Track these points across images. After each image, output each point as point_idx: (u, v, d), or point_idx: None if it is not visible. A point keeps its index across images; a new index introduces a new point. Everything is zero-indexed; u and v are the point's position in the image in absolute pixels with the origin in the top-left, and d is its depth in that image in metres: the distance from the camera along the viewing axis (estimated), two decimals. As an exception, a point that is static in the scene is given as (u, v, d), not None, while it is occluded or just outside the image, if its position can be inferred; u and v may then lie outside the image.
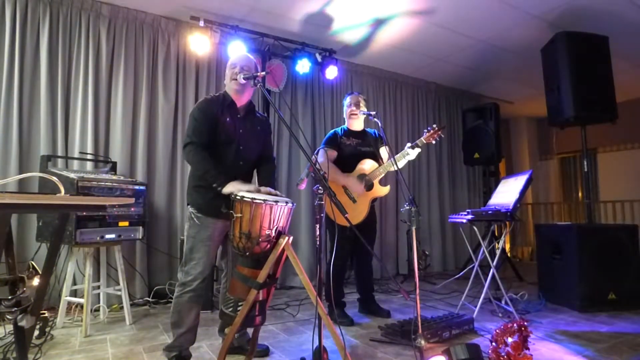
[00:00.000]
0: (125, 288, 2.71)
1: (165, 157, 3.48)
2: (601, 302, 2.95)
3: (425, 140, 2.64)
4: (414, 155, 2.67)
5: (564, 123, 3.50)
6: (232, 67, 1.99)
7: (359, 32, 3.89)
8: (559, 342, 2.27)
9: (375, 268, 4.51)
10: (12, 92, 2.95)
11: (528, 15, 3.57)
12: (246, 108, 2.06)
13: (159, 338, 2.37)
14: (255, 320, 1.68)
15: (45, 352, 2.11)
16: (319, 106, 4.43)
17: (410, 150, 2.64)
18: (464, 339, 2.30)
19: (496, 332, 1.83)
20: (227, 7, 3.42)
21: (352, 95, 2.93)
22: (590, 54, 3.36)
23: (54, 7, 3.13)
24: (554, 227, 3.54)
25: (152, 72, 3.52)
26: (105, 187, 2.53)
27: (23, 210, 2.31)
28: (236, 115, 2.01)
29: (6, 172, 2.87)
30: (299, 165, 4.18)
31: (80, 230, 2.40)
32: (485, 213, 2.90)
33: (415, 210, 1.93)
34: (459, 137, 5.54)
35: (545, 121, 3.96)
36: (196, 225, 1.92)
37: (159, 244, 3.40)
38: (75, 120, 3.16)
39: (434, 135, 2.63)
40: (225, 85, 2.07)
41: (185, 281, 1.90)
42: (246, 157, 2.02)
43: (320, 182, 1.66)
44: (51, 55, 3.11)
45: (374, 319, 2.77)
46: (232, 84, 1.98)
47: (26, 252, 2.86)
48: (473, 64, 4.74)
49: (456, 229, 5.26)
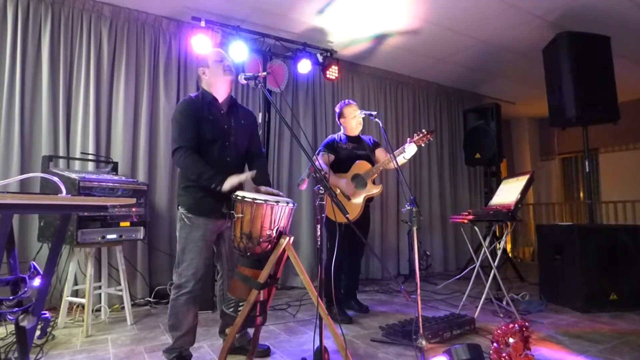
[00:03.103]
0: (126, 288, 2.72)
1: (167, 158, 3.49)
2: (603, 302, 2.94)
3: (416, 143, 2.78)
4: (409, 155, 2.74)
5: (565, 123, 3.49)
6: (220, 61, 1.96)
7: (360, 32, 3.89)
8: (561, 343, 2.26)
9: (376, 268, 4.54)
10: (13, 93, 2.95)
11: (529, 15, 3.56)
12: (228, 102, 2.03)
13: (160, 338, 2.38)
14: (256, 321, 1.68)
15: (46, 352, 2.11)
16: (320, 106, 4.44)
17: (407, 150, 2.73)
18: (465, 340, 2.30)
19: (497, 332, 1.82)
20: (229, 8, 3.42)
21: (354, 105, 2.99)
22: (592, 54, 3.35)
23: (55, 8, 3.14)
24: (555, 228, 3.54)
25: (153, 72, 3.52)
26: (106, 188, 2.53)
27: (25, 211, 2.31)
28: (219, 111, 1.98)
29: (8, 172, 2.87)
30: (300, 166, 4.19)
31: (82, 231, 2.40)
32: (486, 213, 2.90)
33: (417, 210, 1.92)
34: (460, 137, 5.53)
35: (547, 121, 3.96)
36: (187, 225, 1.90)
37: (160, 244, 3.40)
38: (76, 121, 3.17)
39: (423, 139, 2.77)
40: (203, 82, 2.00)
41: (179, 283, 1.88)
42: (233, 153, 1.99)
43: (321, 182, 1.66)
44: (53, 55, 3.12)
45: (374, 319, 2.78)
46: (225, 77, 1.95)
47: (27, 252, 2.86)
48: (474, 64, 4.74)
49: (457, 229, 5.25)
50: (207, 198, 1.86)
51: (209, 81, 1.99)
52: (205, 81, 2.00)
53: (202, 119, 1.90)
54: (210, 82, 1.99)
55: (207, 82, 2.00)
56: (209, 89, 1.99)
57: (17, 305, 1.30)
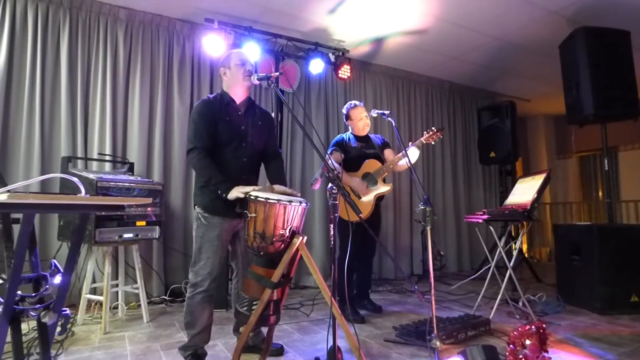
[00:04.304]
0: (142, 286, 2.77)
1: (181, 158, 3.53)
2: (623, 304, 2.86)
3: (425, 141, 2.82)
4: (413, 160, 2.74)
5: (583, 121, 3.41)
6: (242, 65, 1.98)
7: (372, 31, 3.88)
8: (579, 346, 2.21)
9: (389, 268, 4.51)
10: (34, 96, 3.04)
11: (544, 10, 3.49)
12: (246, 104, 2.05)
13: (176, 336, 2.41)
14: (269, 320, 1.69)
15: (66, 348, 2.17)
16: (332, 105, 4.43)
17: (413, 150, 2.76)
18: (480, 341, 2.27)
19: (514, 333, 1.79)
20: (241, 9, 3.45)
21: (360, 107, 2.99)
22: (611, 49, 3.27)
23: (73, 13, 3.22)
24: (573, 228, 3.46)
25: (167, 74, 3.58)
26: (123, 188, 2.58)
27: (46, 210, 2.38)
28: (237, 112, 2.00)
29: (29, 173, 2.96)
30: (313, 165, 4.19)
31: (100, 230, 2.46)
32: (502, 213, 2.86)
33: (430, 210, 1.91)
34: (474, 136, 5.46)
35: (564, 119, 3.87)
36: (203, 225, 1.92)
37: (175, 243, 3.46)
38: (94, 122, 3.24)
39: (433, 136, 2.80)
40: (223, 83, 2.03)
41: (195, 282, 1.91)
42: (250, 153, 2.01)
43: (334, 181, 1.66)
44: (71, 59, 3.19)
45: (387, 319, 2.76)
46: (244, 82, 1.98)
47: (48, 251, 2.94)
48: (488, 62, 4.67)
49: (472, 229, 5.18)
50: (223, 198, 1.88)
51: (228, 82, 2.02)
52: (225, 82, 2.03)
53: (219, 120, 1.93)
54: (229, 83, 2.01)
55: (226, 83, 2.03)
56: (227, 90, 2.02)
57: (39, 302, 1.34)
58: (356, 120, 2.95)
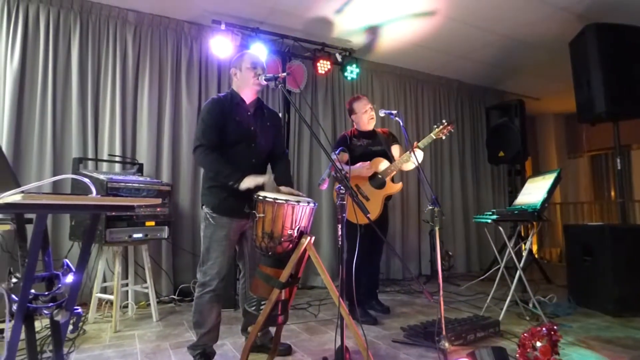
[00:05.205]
0: (152, 286, 2.80)
1: (189, 158, 3.56)
2: (636, 306, 2.81)
3: (435, 136, 2.73)
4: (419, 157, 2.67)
5: (594, 119, 3.36)
6: (253, 68, 2.00)
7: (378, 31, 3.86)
8: (591, 348, 2.18)
9: (397, 268, 4.49)
10: (46, 99, 3.09)
11: (554, 7, 3.45)
12: (255, 104, 2.07)
13: (185, 335, 2.43)
14: (277, 319, 1.70)
15: (78, 346, 2.21)
16: (340, 105, 4.43)
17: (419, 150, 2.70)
18: (489, 342, 2.25)
19: (524, 335, 1.77)
20: (248, 10, 3.47)
21: (364, 99, 2.92)
22: (623, 46, 3.21)
23: (83, 17, 3.27)
24: (584, 228, 3.41)
25: (176, 75, 3.61)
26: (132, 188, 2.61)
27: (58, 211, 2.42)
28: (246, 112, 2.02)
29: (42, 174, 3.01)
30: (320, 165, 4.19)
31: (110, 230, 2.49)
32: (511, 213, 2.83)
33: (438, 210, 1.90)
34: (482, 135, 5.41)
35: (574, 117, 3.82)
36: (211, 225, 1.93)
37: (184, 243, 3.49)
38: (104, 124, 3.29)
39: (444, 130, 2.71)
40: (233, 83, 2.06)
41: (204, 281, 1.92)
42: (258, 154, 2.02)
43: (342, 182, 1.66)
44: (81, 61, 3.24)
45: (395, 319, 2.75)
46: (254, 85, 2.00)
47: (60, 251, 2.99)
48: (496, 60, 4.62)
49: (480, 229, 5.13)
50: (231, 198, 1.89)
51: (238, 83, 2.04)
52: (235, 82, 2.05)
53: (229, 119, 1.94)
54: (239, 84, 2.04)
55: (236, 84, 2.05)
56: (237, 90, 2.04)
57: (51, 301, 1.36)
58: (360, 114, 2.88)
